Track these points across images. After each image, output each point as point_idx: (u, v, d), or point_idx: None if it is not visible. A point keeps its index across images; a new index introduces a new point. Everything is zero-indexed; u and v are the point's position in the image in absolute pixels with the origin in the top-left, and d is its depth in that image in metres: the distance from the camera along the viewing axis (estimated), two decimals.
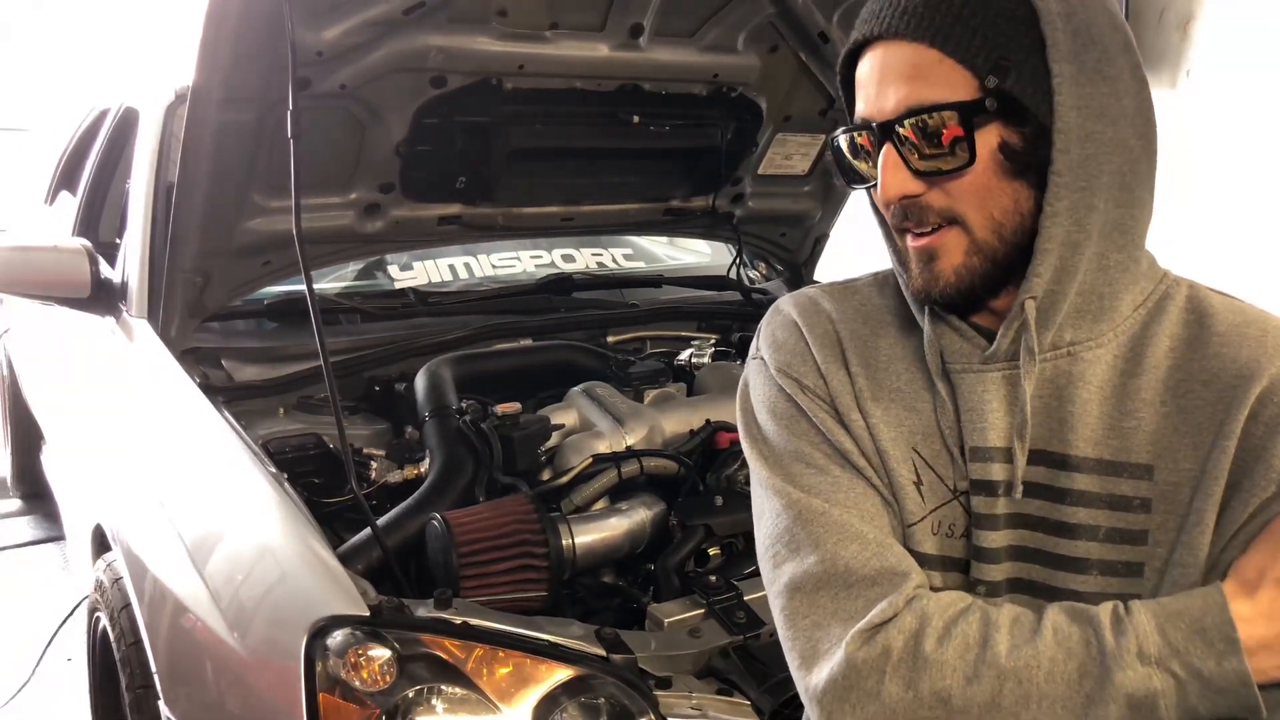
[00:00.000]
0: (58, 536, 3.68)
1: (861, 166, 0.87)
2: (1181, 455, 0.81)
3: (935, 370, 0.87)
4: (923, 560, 0.86)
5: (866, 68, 0.84)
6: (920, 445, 0.87)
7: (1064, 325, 0.82)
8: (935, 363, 0.87)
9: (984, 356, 0.85)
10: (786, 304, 0.97)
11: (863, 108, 0.84)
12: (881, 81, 0.82)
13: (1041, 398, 0.83)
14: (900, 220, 0.84)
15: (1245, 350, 0.82)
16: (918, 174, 0.81)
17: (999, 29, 0.78)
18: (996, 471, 0.84)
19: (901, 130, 0.80)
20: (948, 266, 0.83)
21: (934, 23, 0.79)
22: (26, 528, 4.02)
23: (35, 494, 4.03)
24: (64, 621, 2.69)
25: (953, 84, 0.79)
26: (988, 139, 0.79)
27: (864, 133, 0.84)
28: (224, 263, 2.12)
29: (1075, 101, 0.78)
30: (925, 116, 0.79)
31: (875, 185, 0.85)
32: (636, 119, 2.33)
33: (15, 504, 4.20)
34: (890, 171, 0.82)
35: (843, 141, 0.87)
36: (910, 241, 0.85)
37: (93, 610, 2.01)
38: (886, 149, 0.81)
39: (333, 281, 2.72)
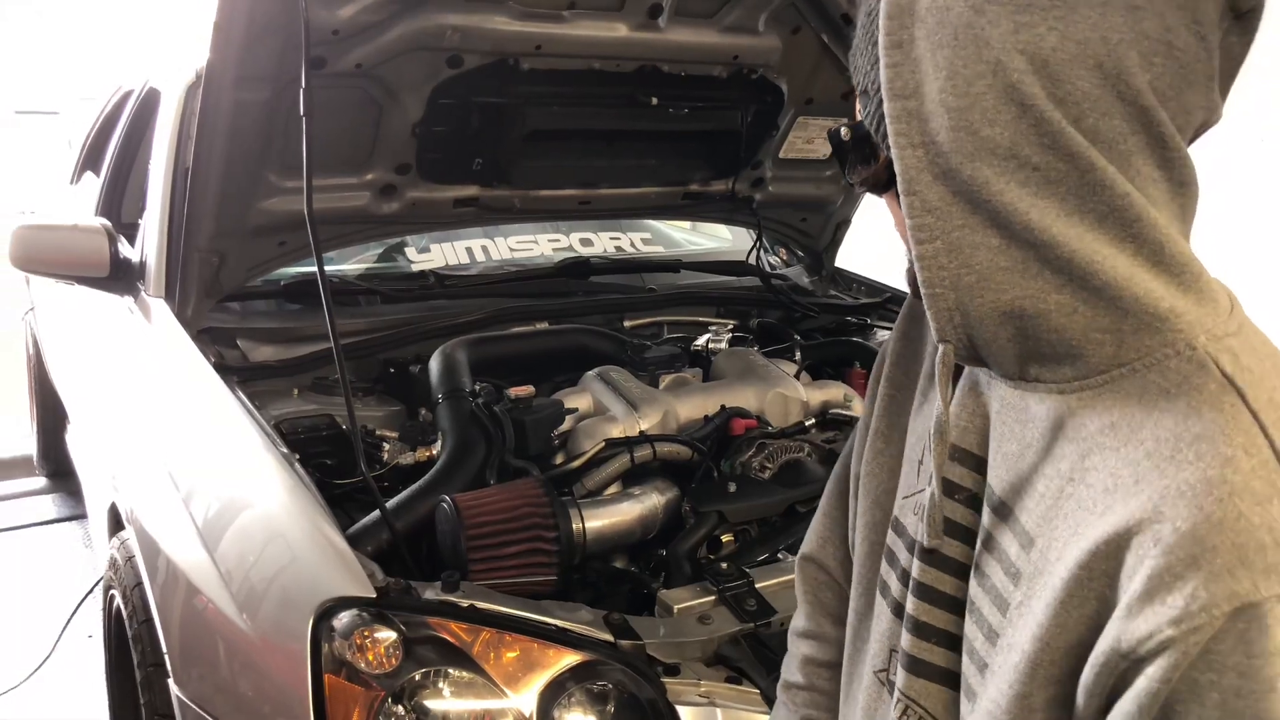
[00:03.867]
0: (81, 515, 3.72)
1: None
2: (1054, 548, 0.67)
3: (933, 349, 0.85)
4: (901, 534, 0.86)
5: None
6: (934, 426, 0.85)
7: (1027, 359, 0.71)
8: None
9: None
10: None
11: None
12: None
13: (1003, 423, 0.74)
14: None
15: (1156, 470, 0.62)
16: None
17: (867, 55, 0.74)
18: (959, 474, 0.78)
19: None
20: (908, 260, 0.83)
21: (852, 43, 0.78)
22: (51, 505, 4.06)
23: (60, 472, 4.08)
24: (84, 599, 2.71)
25: (857, 105, 0.80)
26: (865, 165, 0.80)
27: None
28: (239, 243, 2.12)
29: (918, 139, 0.68)
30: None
31: None
32: (655, 101, 2.30)
33: (40, 482, 4.25)
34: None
35: None
36: None
37: (107, 588, 2.02)
38: None
39: (353, 264, 2.72)
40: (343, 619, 1.34)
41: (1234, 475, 0.60)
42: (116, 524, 2.07)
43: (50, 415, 3.96)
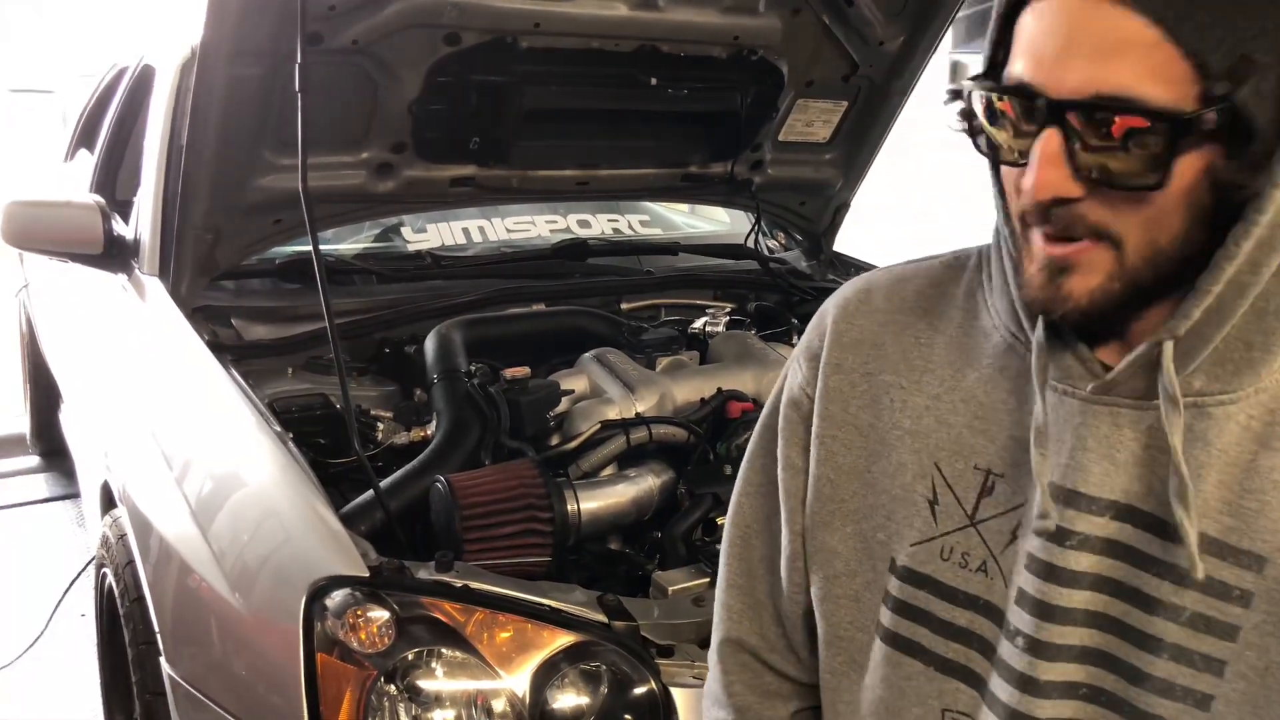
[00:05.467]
0: (74, 494, 3.71)
1: (1000, 136, 0.68)
2: None
3: (1039, 384, 0.72)
4: (920, 582, 0.78)
5: (1048, 20, 0.63)
6: (943, 462, 0.77)
7: (1196, 372, 0.67)
8: (1041, 376, 0.72)
9: (1096, 386, 0.70)
10: (836, 297, 0.87)
11: (1028, 69, 0.64)
12: (1069, 46, 0.62)
13: (1149, 449, 0.69)
14: (1040, 220, 0.67)
15: None
16: (1081, 174, 0.63)
17: (1254, 14, 0.59)
18: (1081, 523, 0.70)
19: (1080, 118, 0.62)
20: (1082, 287, 0.67)
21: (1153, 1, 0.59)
22: (44, 484, 4.05)
23: (53, 451, 4.06)
24: (76, 577, 2.71)
25: (1167, 79, 0.60)
26: (1193, 162, 0.61)
27: (1019, 101, 0.65)
28: (234, 220, 2.10)
29: None
30: (1120, 113, 0.60)
31: (1016, 164, 0.67)
32: (654, 81, 2.28)
33: (33, 461, 4.23)
34: (1049, 166, 0.63)
35: (980, 99, 0.68)
36: (1042, 244, 0.67)
37: (99, 566, 2.02)
38: (1049, 134, 0.63)
39: (349, 244, 2.70)
40: (335, 598, 1.33)
41: None
42: (109, 502, 2.07)
43: (43, 394, 3.94)
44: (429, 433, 1.85)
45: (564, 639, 1.36)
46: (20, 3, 10.00)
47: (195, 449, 1.79)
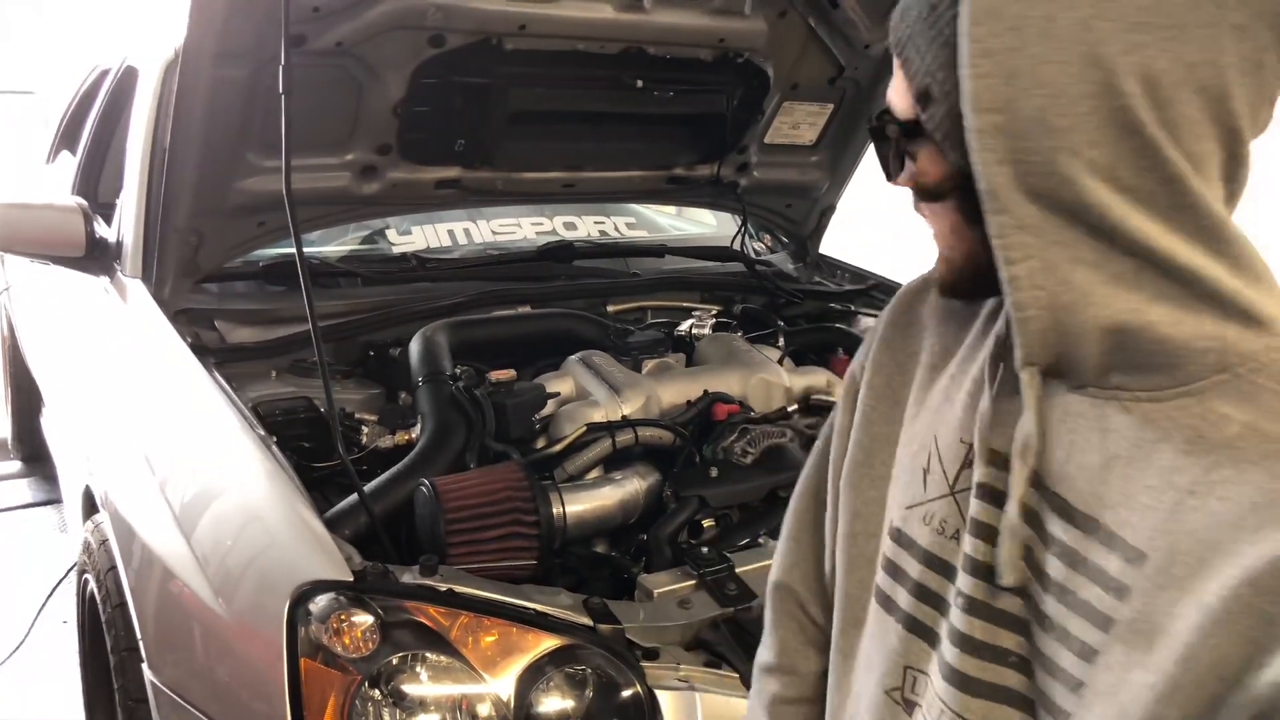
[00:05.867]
0: (56, 499, 3.68)
1: None
2: (1182, 564, 0.65)
3: (989, 357, 0.79)
4: (906, 544, 0.83)
5: None
6: (940, 434, 0.82)
7: (1111, 370, 0.69)
8: (996, 351, 0.79)
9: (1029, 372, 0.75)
10: (907, 282, 0.95)
11: None
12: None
13: (1071, 432, 0.71)
14: None
15: None
16: None
17: (934, 54, 0.70)
18: (1003, 481, 0.74)
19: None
20: (940, 261, 0.80)
21: (897, 30, 0.74)
22: (26, 490, 4.02)
23: (35, 456, 4.03)
24: (58, 584, 2.69)
25: (903, 96, 0.75)
26: (907, 169, 0.77)
27: None
28: (218, 222, 2.09)
29: (1007, 155, 0.66)
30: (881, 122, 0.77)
31: None
32: (640, 83, 2.28)
33: (15, 466, 4.20)
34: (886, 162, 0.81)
35: None
36: None
37: (81, 572, 2.00)
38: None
39: (334, 246, 2.69)
40: (319, 602, 1.32)
41: None
42: (91, 507, 2.05)
43: (25, 398, 3.91)
44: (413, 436, 1.85)
45: (549, 642, 1.35)
46: (20, 3, 9.91)
47: (178, 453, 1.78)
